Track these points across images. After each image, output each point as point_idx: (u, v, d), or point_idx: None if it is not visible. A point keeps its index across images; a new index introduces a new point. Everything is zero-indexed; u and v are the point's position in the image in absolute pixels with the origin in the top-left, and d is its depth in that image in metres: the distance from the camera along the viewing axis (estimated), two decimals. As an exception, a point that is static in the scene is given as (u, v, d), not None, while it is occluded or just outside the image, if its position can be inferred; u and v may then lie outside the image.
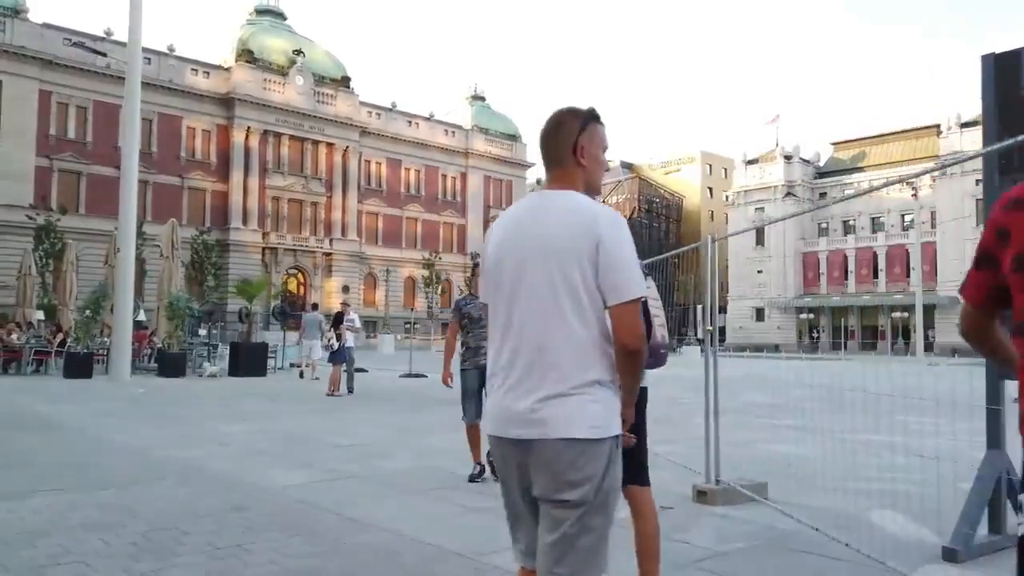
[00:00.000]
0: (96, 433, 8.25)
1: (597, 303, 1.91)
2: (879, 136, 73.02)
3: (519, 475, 1.96)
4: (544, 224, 1.95)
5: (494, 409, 1.99)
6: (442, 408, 11.53)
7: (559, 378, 1.88)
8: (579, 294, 1.90)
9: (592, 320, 1.90)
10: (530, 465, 1.91)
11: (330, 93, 57.92)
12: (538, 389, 1.89)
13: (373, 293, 59.93)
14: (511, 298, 1.97)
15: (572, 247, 1.90)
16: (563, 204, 1.97)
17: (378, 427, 9.23)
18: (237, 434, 8.23)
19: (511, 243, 2.00)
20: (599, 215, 1.93)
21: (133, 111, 17.13)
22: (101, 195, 47.89)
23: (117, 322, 16.35)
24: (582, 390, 1.87)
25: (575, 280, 1.89)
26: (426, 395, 14.22)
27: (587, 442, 1.86)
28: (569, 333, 1.89)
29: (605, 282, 1.88)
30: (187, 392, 14.04)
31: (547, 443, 1.87)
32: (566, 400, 1.87)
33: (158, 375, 18.03)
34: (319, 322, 17.80)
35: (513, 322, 1.96)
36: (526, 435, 1.89)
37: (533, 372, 1.90)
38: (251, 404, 11.97)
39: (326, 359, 14.81)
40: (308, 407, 11.68)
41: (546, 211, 1.97)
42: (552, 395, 1.88)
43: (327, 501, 4.99)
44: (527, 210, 2.04)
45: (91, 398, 12.36)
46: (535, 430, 1.88)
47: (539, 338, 1.91)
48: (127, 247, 16.44)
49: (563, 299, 1.90)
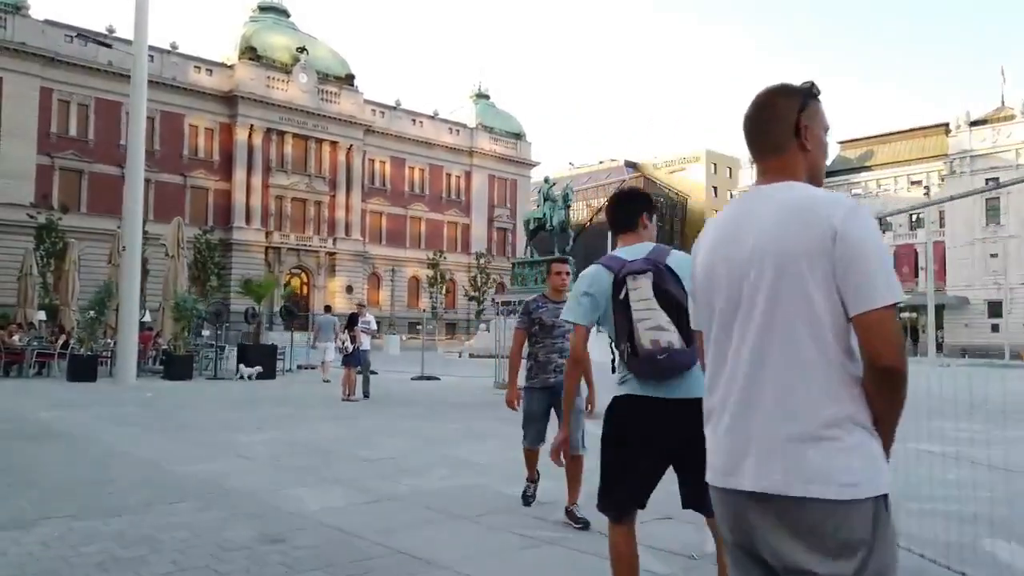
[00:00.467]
0: (104, 443, 7.72)
1: (839, 316, 1.47)
2: (886, 135, 72.49)
3: (746, 535, 1.57)
4: (764, 225, 1.58)
5: (715, 455, 1.63)
6: (462, 414, 11.02)
7: (796, 417, 1.47)
8: (814, 307, 1.48)
9: (831, 338, 1.47)
10: (762, 526, 1.50)
11: (334, 91, 57.40)
12: (769, 433, 1.49)
13: (377, 293, 59.42)
14: (728, 318, 1.62)
15: (802, 248, 1.49)
16: (786, 199, 1.58)
17: (401, 437, 8.70)
18: (255, 445, 7.70)
19: (725, 251, 1.65)
20: (834, 204, 1.51)
21: (139, 105, 16.59)
22: (103, 194, 47.42)
23: (122, 323, 15.83)
24: (829, 432, 1.45)
25: (808, 289, 1.48)
26: (443, 400, 13.71)
27: (839, 503, 1.42)
28: (805, 357, 1.48)
29: (846, 285, 1.45)
30: (196, 396, 13.52)
31: (785, 502, 1.45)
32: (808, 447, 1.45)
33: (164, 378, 17.50)
34: (333, 324, 17.46)
35: (732, 348, 1.60)
36: (754, 487, 1.50)
37: (760, 410, 1.52)
38: (264, 410, 11.44)
39: (339, 362, 14.31)
40: (324, 413, 11.15)
41: (765, 209, 1.61)
42: (790, 439, 1.46)
43: (370, 529, 4.46)
44: (742, 211, 1.68)
45: (97, 403, 11.84)
46: (765, 482, 1.48)
47: (767, 367, 1.52)
48: (132, 245, 15.91)
49: (794, 315, 1.49)
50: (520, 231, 70.44)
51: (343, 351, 13.07)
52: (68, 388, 14.76)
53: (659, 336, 2.64)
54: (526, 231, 41.72)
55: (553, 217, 38.61)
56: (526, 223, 41.38)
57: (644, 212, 2.98)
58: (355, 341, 12.93)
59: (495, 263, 63.07)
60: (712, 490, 1.65)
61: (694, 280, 1.78)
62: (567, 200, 39.13)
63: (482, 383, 18.13)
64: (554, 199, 39.49)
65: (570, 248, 38.73)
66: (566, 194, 39.01)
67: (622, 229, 2.98)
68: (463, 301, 63.66)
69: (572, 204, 42.58)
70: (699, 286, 1.74)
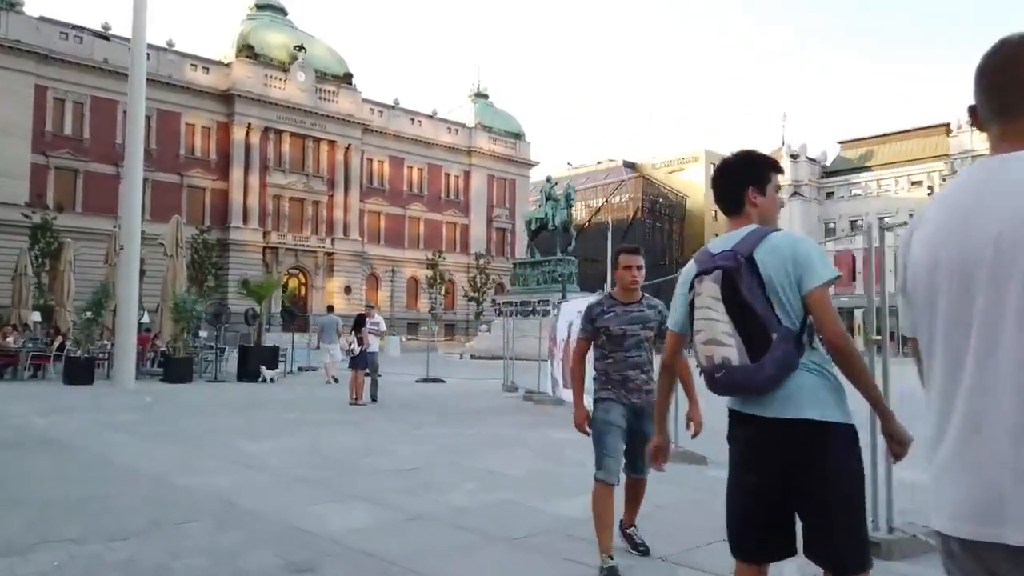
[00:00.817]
0: (105, 453, 7.27)
1: None
2: (887, 135, 72.26)
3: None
4: (1002, 207, 1.24)
5: (957, 496, 1.25)
6: (477, 420, 10.58)
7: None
8: None
9: None
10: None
11: (332, 90, 56.88)
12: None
13: (375, 294, 58.84)
14: (956, 324, 1.29)
15: None
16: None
17: (417, 444, 8.26)
18: (265, 455, 7.25)
19: (950, 241, 1.31)
20: None
21: (138, 102, 16.09)
22: (99, 193, 46.86)
23: (120, 324, 15.34)
24: None
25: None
26: (453, 404, 13.28)
27: None
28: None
29: None
30: (198, 400, 13.05)
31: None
32: None
33: (163, 380, 17.01)
34: (337, 324, 17.24)
35: (966, 361, 1.26)
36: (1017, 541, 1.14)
37: (1012, 440, 1.17)
38: (270, 415, 10.99)
39: (346, 364, 13.87)
40: (332, 418, 10.69)
41: (1003, 187, 1.26)
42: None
43: (402, 554, 4.02)
44: (971, 190, 1.32)
45: (95, 408, 11.36)
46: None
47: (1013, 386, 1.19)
48: (131, 245, 15.42)
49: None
50: (520, 231, 70.00)
51: (350, 353, 12.61)
52: (64, 391, 14.27)
53: (713, 351, 2.22)
54: (527, 231, 41.30)
55: (555, 216, 38.21)
56: (527, 223, 40.96)
57: (751, 186, 2.37)
58: (363, 343, 12.48)
59: (494, 264, 62.64)
60: (948, 541, 1.26)
61: (910, 275, 1.41)
62: (569, 200, 38.72)
63: (490, 386, 17.70)
64: (556, 198, 39.09)
65: (571, 248, 38.35)
66: (568, 193, 38.61)
67: (727, 211, 2.44)
68: (462, 302, 63.20)
69: (574, 203, 42.17)
70: (919, 283, 1.38)
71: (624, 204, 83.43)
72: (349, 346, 12.59)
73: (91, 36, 47.70)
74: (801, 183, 71.89)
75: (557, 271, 37.24)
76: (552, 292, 36.76)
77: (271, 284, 19.60)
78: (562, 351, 12.32)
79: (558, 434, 8.76)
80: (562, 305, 13.03)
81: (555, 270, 37.48)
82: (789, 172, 72.06)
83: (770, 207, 2.40)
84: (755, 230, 2.31)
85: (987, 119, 1.36)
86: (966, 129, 61.30)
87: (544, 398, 13.51)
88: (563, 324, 12.42)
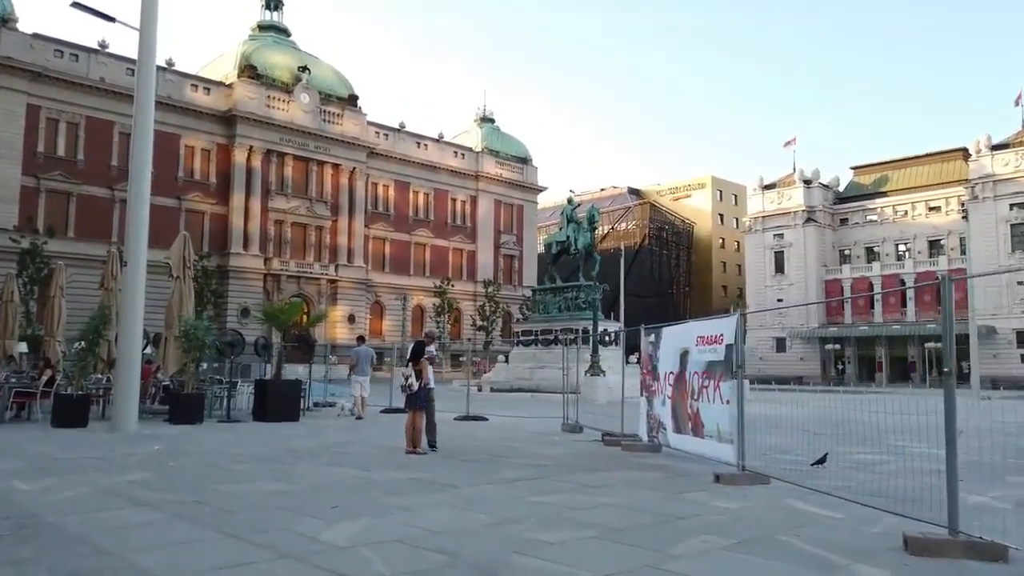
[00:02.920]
0: (120, 550, 4.87)
1: None
2: (902, 160, 70.82)
3: None
4: None
5: None
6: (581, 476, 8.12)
7: None
8: None
9: None
10: None
11: (336, 112, 54.99)
12: None
13: (380, 322, 56.47)
14: None
15: None
16: None
17: (555, 523, 5.88)
18: (360, 554, 4.87)
19: None
20: None
21: (147, 100, 13.83)
22: (92, 217, 44.60)
23: (123, 355, 12.94)
24: None
25: None
26: (525, 451, 10.97)
27: None
28: None
29: None
30: (218, 449, 10.63)
31: None
32: None
33: (169, 421, 14.58)
34: (371, 357, 15.54)
35: None
36: None
37: None
38: (320, 472, 8.61)
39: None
40: (400, 476, 8.31)
41: None
42: None
43: None
44: None
45: (93, 463, 8.94)
46: None
47: None
48: (136, 260, 13.08)
49: None
50: (528, 258, 67.93)
51: (407, 389, 10.21)
52: (54, 438, 11.81)
53: None
54: (547, 255, 39.08)
55: (578, 240, 36.02)
56: (548, 246, 38.78)
57: None
58: (421, 377, 10.13)
59: (502, 292, 60.39)
60: None
61: None
62: (593, 222, 36.62)
63: (543, 425, 15.40)
64: (578, 221, 36.99)
65: (595, 273, 36.13)
66: (592, 215, 36.51)
67: None
68: (468, 331, 60.81)
69: (598, 226, 40.12)
70: None
71: (631, 231, 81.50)
72: (406, 380, 10.19)
73: (87, 54, 45.81)
74: (815, 209, 70.17)
75: (581, 297, 34.97)
76: (576, 320, 34.41)
77: (295, 308, 17.36)
78: (670, 386, 10.01)
79: (725, 503, 6.49)
80: (663, 330, 10.73)
81: (578, 296, 35.19)
82: (802, 198, 70.45)
83: None
84: None
85: None
86: (986, 153, 59.88)
87: (635, 443, 11.18)
88: (669, 353, 10.12)
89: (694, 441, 9.25)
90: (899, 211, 68.66)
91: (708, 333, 9.06)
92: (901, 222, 68.02)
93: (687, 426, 9.45)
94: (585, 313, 34.20)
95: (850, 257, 70.18)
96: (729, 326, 8.61)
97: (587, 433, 13.95)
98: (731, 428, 8.26)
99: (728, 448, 8.29)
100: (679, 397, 9.74)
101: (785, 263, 70.78)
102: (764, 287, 71.01)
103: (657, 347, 10.70)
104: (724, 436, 8.43)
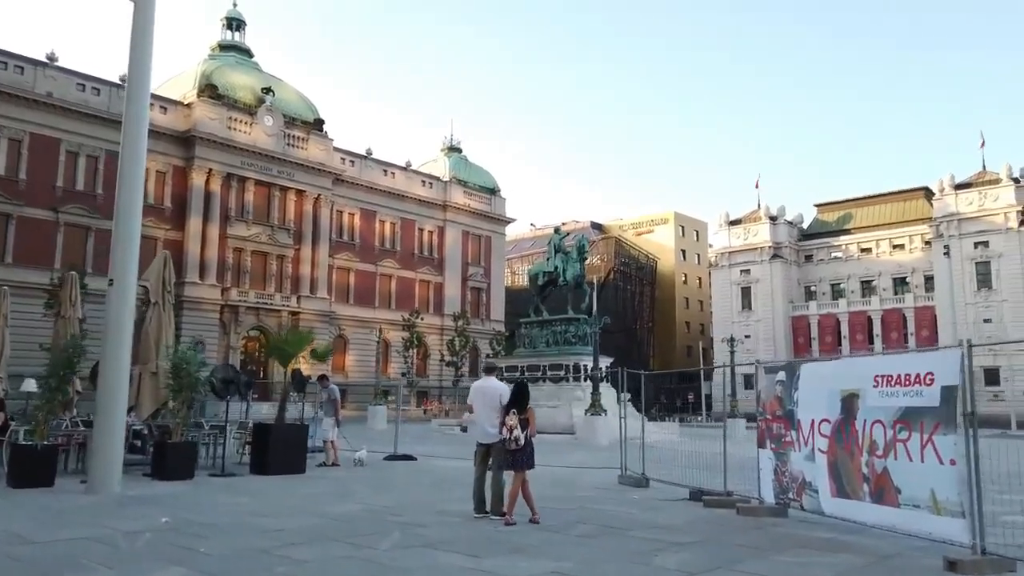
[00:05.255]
0: None
1: None
2: (864, 198, 71.72)
3: None
4: None
5: None
6: (727, 561, 6.12)
7: None
8: None
9: None
10: None
11: (301, 136, 52.43)
12: None
13: (343, 357, 53.45)
14: None
15: None
16: None
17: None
18: None
19: None
20: None
21: (140, 126, 11.51)
22: (34, 241, 40.93)
23: (105, 396, 10.37)
24: None
25: None
26: (617, 516, 8.84)
27: None
28: None
29: None
30: (245, 522, 8.21)
31: None
32: None
33: (153, 476, 11.98)
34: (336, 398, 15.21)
35: None
36: None
37: None
38: (408, 558, 6.35)
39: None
40: (531, 566, 6.12)
41: None
42: None
43: None
44: None
45: (91, 553, 6.48)
46: None
47: None
48: (124, 280, 10.62)
49: None
50: (495, 291, 65.90)
51: (512, 444, 7.96)
52: (12, 505, 9.15)
53: None
54: (532, 286, 37.09)
55: (567, 271, 34.20)
56: (533, 277, 36.81)
57: None
58: (528, 426, 7.94)
59: (471, 326, 58.09)
60: None
61: None
62: (583, 252, 34.86)
63: (592, 476, 13.36)
64: (567, 251, 35.25)
65: (585, 305, 34.30)
66: (582, 245, 34.77)
67: None
68: (435, 366, 58.23)
69: (588, 257, 38.43)
70: None
71: (596, 265, 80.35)
72: (510, 434, 7.93)
73: (33, 67, 42.52)
74: (781, 245, 70.27)
75: (571, 331, 33.05)
76: (567, 355, 32.50)
77: (304, 339, 14.96)
78: (824, 437, 8.05)
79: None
80: (803, 368, 8.84)
81: (567, 330, 33.26)
82: (768, 234, 70.55)
83: None
84: None
85: None
86: (950, 192, 60.81)
87: (753, 506, 9.19)
88: (820, 396, 8.19)
89: (878, 510, 7.30)
90: (864, 248, 69.24)
91: (901, 371, 7.19)
92: (866, 259, 68.57)
93: (862, 489, 7.50)
94: (576, 348, 32.34)
95: (815, 294, 70.32)
96: (944, 362, 6.76)
97: (655, 487, 11.96)
98: (960, 496, 6.38)
99: (957, 524, 6.37)
100: (843, 452, 7.81)
101: (752, 299, 70.52)
102: (731, 323, 70.37)
103: (793, 387, 8.79)
104: (946, 507, 6.52)
